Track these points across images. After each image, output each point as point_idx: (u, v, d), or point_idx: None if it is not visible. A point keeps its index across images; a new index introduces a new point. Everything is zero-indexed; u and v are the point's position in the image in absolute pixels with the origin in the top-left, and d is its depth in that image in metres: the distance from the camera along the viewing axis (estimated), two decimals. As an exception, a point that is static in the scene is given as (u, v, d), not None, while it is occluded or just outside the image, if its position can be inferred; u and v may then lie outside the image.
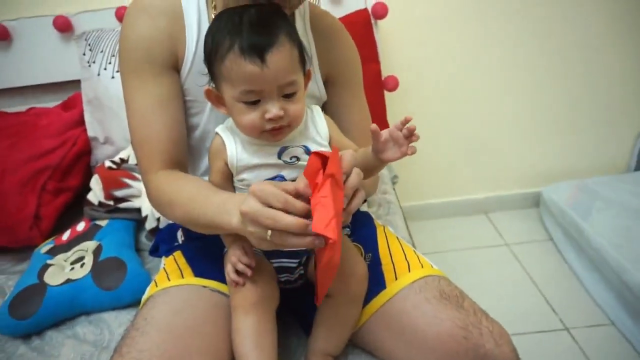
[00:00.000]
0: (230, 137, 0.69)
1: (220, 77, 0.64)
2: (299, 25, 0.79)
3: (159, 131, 0.73)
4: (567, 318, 1.41)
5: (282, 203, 0.55)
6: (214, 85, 0.67)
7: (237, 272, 0.68)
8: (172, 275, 0.78)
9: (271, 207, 0.56)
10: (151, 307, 0.72)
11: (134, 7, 0.75)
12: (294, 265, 0.74)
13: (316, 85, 0.82)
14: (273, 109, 0.61)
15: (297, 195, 0.57)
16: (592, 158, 1.84)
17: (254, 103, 0.62)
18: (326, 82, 0.84)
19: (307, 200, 0.56)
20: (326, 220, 0.53)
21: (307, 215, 0.56)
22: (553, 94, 1.74)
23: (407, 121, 0.62)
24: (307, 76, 0.68)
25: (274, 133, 0.64)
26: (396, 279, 0.74)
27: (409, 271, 0.75)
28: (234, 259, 0.67)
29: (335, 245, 0.55)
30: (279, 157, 0.67)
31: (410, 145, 0.62)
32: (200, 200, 0.66)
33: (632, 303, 1.29)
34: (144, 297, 0.79)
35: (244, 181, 0.69)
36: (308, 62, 0.67)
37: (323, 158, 0.57)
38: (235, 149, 0.68)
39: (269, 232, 0.56)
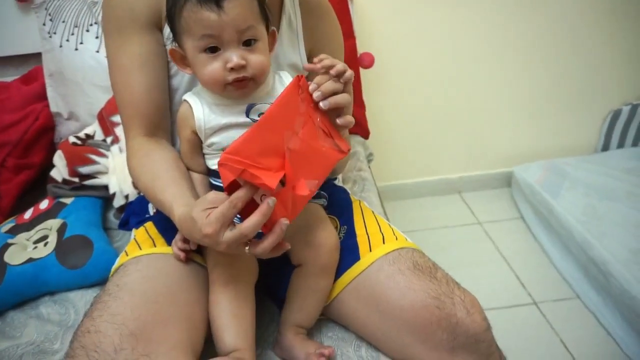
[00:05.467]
0: (197, 100, 0.68)
1: (181, 31, 0.63)
2: None
3: (140, 93, 0.72)
4: (536, 293, 1.45)
5: (232, 208, 0.55)
6: (177, 45, 0.67)
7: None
8: (143, 245, 0.75)
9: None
10: (123, 274, 0.70)
11: None
12: None
13: (299, 57, 0.82)
14: (233, 57, 0.61)
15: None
16: (561, 139, 1.88)
17: (214, 51, 0.62)
18: (309, 58, 0.83)
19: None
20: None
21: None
22: (525, 78, 1.76)
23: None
24: (271, 35, 0.68)
25: (237, 86, 0.63)
26: (370, 250, 0.74)
27: (383, 243, 0.75)
28: (176, 240, 0.70)
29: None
30: (247, 114, 0.66)
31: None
32: (152, 193, 0.68)
33: (597, 277, 1.33)
34: (114, 266, 0.76)
35: (214, 145, 0.68)
36: (271, 19, 0.67)
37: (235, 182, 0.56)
38: (202, 111, 0.67)
39: (247, 248, 0.58)
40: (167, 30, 0.73)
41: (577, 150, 1.88)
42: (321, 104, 0.62)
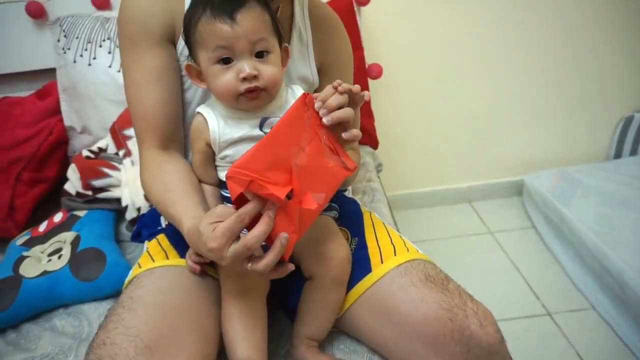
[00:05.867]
0: (211, 113, 0.69)
1: (196, 45, 0.65)
2: (297, 11, 0.80)
3: (154, 106, 0.74)
4: (550, 303, 1.43)
5: (239, 223, 0.54)
6: (192, 60, 0.68)
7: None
8: (156, 257, 0.76)
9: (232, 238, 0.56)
10: (136, 286, 0.70)
11: None
12: None
13: (310, 70, 0.83)
14: (245, 67, 0.63)
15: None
16: (573, 147, 1.87)
17: (227, 62, 0.64)
18: (319, 71, 0.85)
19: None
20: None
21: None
22: (534, 86, 1.76)
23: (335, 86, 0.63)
24: (284, 51, 0.69)
25: (250, 96, 0.64)
26: (382, 262, 0.74)
27: (395, 255, 0.74)
28: (190, 253, 0.71)
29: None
30: (261, 128, 0.67)
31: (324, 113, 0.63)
32: (164, 205, 0.69)
33: (612, 287, 1.31)
34: (127, 278, 0.77)
35: (227, 158, 0.69)
36: (283, 35, 0.69)
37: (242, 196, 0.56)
38: (217, 124, 0.68)
39: (249, 265, 0.57)
40: (180, 44, 0.75)
41: (588, 157, 1.87)
42: (324, 120, 0.62)
